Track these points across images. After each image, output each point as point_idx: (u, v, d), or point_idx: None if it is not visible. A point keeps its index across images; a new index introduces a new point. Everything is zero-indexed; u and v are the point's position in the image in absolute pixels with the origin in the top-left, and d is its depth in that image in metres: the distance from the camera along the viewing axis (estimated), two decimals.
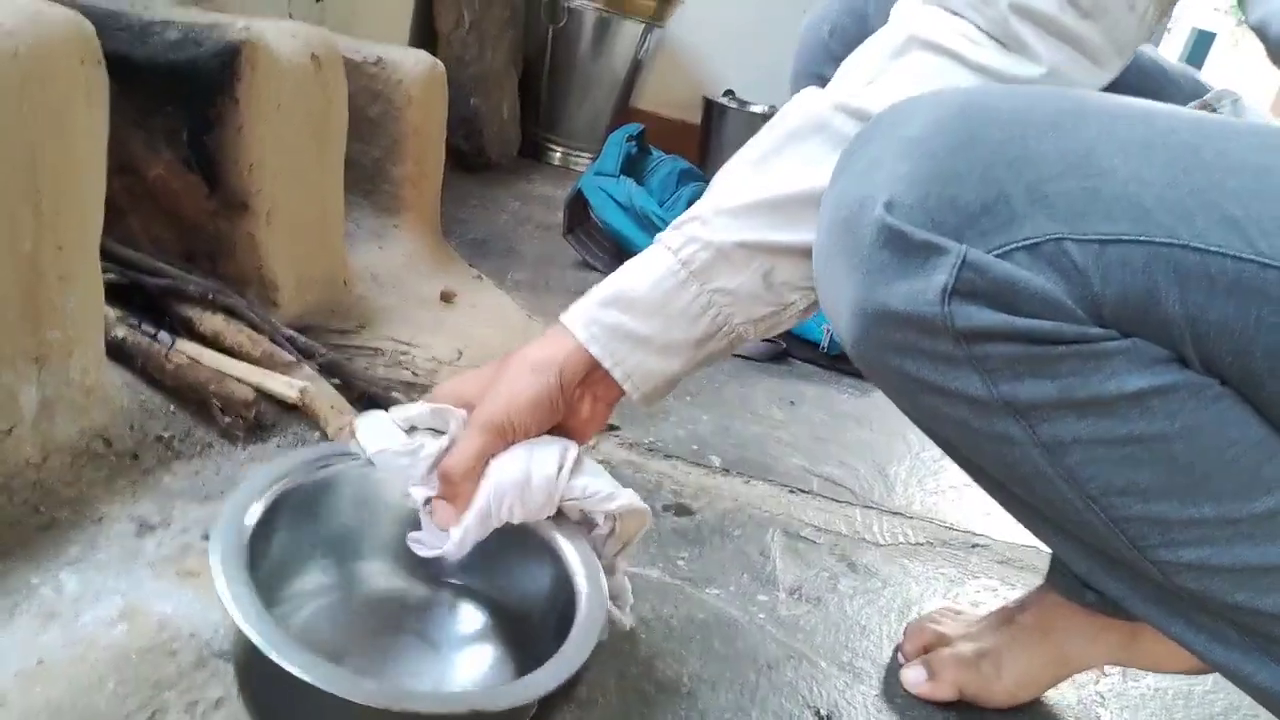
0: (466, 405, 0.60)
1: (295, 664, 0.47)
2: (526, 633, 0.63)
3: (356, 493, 0.64)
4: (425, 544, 0.60)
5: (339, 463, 0.63)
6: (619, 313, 0.58)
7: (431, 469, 0.60)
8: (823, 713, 0.69)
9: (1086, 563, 0.61)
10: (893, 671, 0.75)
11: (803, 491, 1.04)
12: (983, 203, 0.46)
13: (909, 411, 0.57)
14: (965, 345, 0.48)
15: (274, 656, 0.47)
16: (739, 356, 1.43)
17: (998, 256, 0.46)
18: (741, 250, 0.57)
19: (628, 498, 0.61)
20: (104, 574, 0.63)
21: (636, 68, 2.53)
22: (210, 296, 0.92)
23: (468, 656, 0.64)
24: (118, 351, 0.83)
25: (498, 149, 2.19)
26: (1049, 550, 0.71)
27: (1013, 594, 0.75)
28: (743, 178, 0.59)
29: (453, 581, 0.67)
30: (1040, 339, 0.47)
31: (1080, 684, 0.76)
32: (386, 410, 0.62)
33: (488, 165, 2.15)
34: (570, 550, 0.61)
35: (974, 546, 0.98)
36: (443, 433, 0.60)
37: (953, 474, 1.12)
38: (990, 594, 0.89)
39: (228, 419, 0.82)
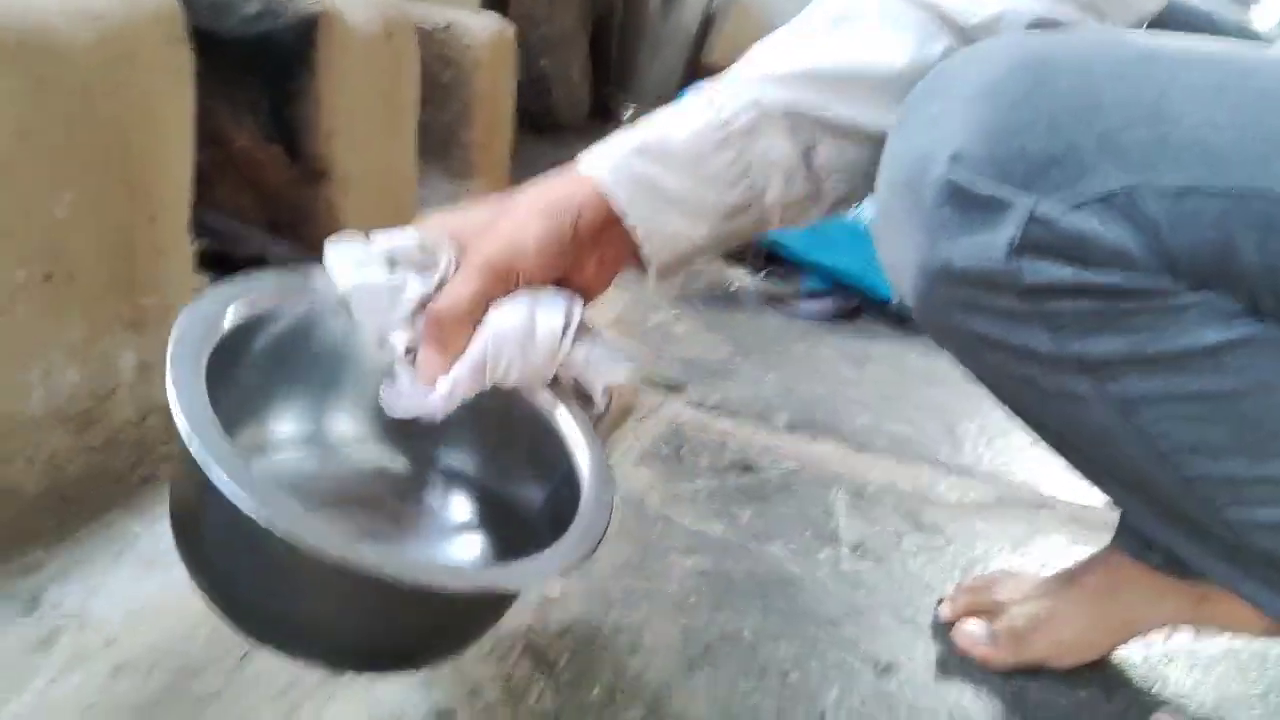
0: (459, 244, 0.51)
1: (271, 514, 0.37)
2: (514, 523, 0.55)
3: (331, 337, 0.52)
4: (402, 401, 0.50)
5: (306, 299, 0.51)
6: (650, 163, 0.51)
7: (416, 312, 0.49)
8: (882, 666, 0.70)
9: (1155, 521, 0.60)
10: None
11: (869, 450, 1.04)
12: (1051, 154, 0.45)
13: (975, 371, 0.57)
14: (1033, 301, 0.47)
15: (241, 501, 0.37)
16: (807, 319, 1.42)
17: (1067, 209, 0.45)
18: (787, 119, 0.52)
19: (626, 368, 0.53)
20: None
21: (708, 22, 2.50)
22: (294, 262, 0.96)
23: (448, 544, 0.57)
24: None
25: (568, 110, 2.20)
26: (1118, 509, 0.70)
27: (1082, 552, 0.75)
28: (789, 49, 0.54)
29: (435, 455, 0.57)
30: (1111, 293, 0.46)
31: (1149, 642, 0.75)
32: (365, 236, 0.51)
33: (558, 127, 2.17)
34: (573, 431, 0.53)
35: (1042, 506, 0.96)
36: (429, 270, 0.50)
37: (1023, 433, 1.10)
38: (1059, 553, 0.88)
39: None
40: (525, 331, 0.48)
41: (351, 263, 0.50)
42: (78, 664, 0.55)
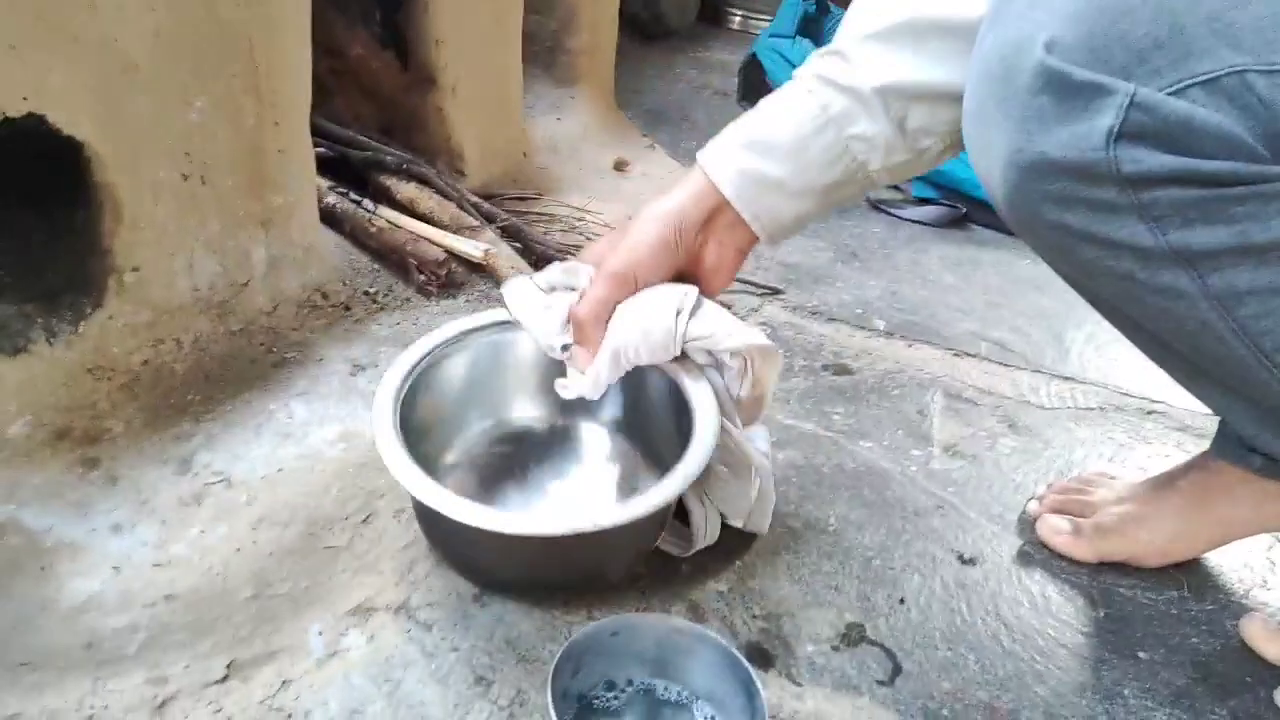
0: (598, 263, 0.63)
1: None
2: (654, 452, 0.70)
3: (500, 355, 0.71)
4: (569, 386, 0.65)
5: (486, 332, 0.70)
6: (756, 157, 0.59)
7: (567, 320, 0.65)
8: (966, 557, 0.71)
9: (1256, 424, 0.59)
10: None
11: (969, 355, 1.03)
12: (1154, 37, 0.44)
13: (1065, 270, 0.56)
14: (1132, 191, 0.46)
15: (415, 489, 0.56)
16: (914, 221, 1.40)
17: (1170, 94, 0.44)
18: (878, 97, 0.57)
19: (746, 335, 0.64)
20: (326, 403, 0.75)
21: None
22: (405, 166, 1.01)
23: (602, 474, 0.72)
24: (328, 217, 0.94)
25: (676, 16, 2.17)
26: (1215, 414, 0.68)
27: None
28: (878, 7, 0.58)
29: (594, 418, 0.74)
30: (1216, 181, 0.45)
31: (1249, 547, 0.74)
32: (530, 276, 0.68)
33: (666, 33, 2.14)
34: (688, 381, 0.65)
35: (1150, 413, 0.94)
36: (575, 289, 0.65)
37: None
38: (1162, 461, 0.87)
39: (423, 277, 0.92)
40: (645, 324, 0.62)
41: (522, 294, 0.66)
42: (225, 517, 0.63)
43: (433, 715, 0.54)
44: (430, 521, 0.62)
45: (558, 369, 0.66)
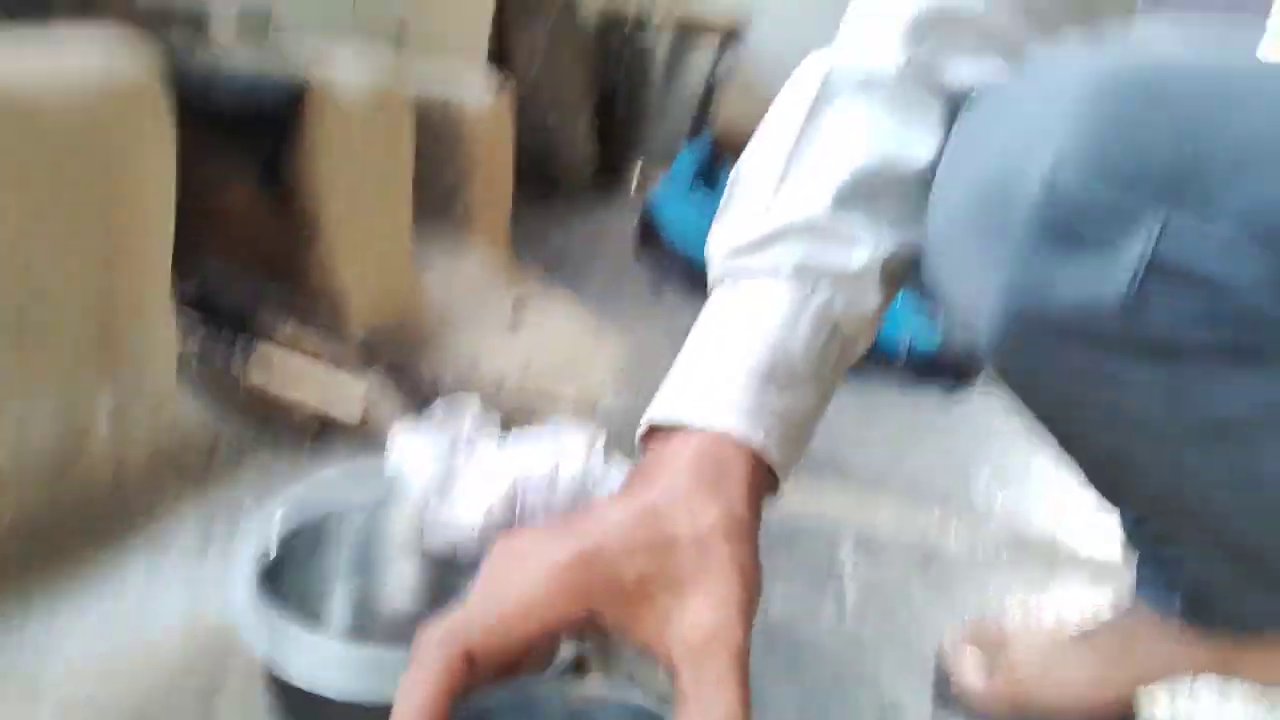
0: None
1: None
2: None
3: (373, 528, 0.62)
4: (444, 531, 0.57)
5: (361, 490, 0.62)
6: (781, 393, 0.40)
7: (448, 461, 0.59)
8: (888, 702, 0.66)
9: (1253, 590, 0.54)
10: None
11: (878, 494, 1.00)
12: (1179, 165, 0.36)
13: (1060, 430, 0.48)
14: (1157, 340, 0.38)
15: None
16: None
17: (1201, 223, 0.36)
18: (876, 270, 0.43)
19: None
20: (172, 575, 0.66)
21: (714, 84, 2.54)
22: (283, 311, 0.96)
23: None
24: (191, 362, 0.87)
25: (573, 172, 2.22)
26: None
27: (1099, 601, 0.70)
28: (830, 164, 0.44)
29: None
30: (1253, 324, 0.37)
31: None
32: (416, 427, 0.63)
33: (563, 189, 2.18)
34: None
35: (1060, 553, 0.92)
36: (457, 428, 0.61)
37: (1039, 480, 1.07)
38: (1074, 600, 0.84)
39: (294, 433, 0.85)
40: (550, 478, 0.56)
41: (407, 441, 0.60)
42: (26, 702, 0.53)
43: None
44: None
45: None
